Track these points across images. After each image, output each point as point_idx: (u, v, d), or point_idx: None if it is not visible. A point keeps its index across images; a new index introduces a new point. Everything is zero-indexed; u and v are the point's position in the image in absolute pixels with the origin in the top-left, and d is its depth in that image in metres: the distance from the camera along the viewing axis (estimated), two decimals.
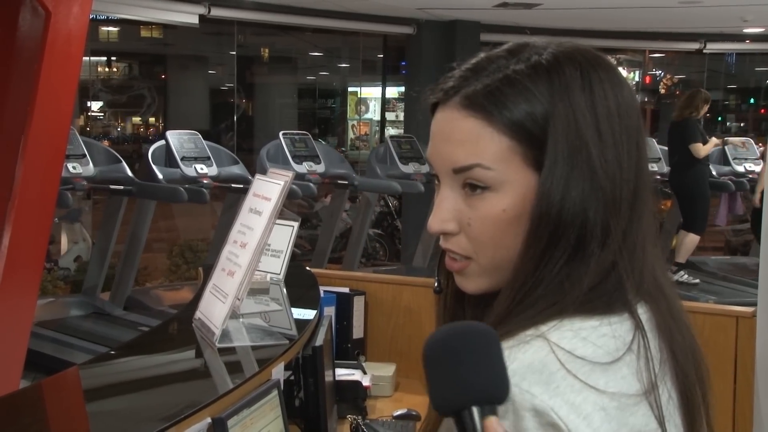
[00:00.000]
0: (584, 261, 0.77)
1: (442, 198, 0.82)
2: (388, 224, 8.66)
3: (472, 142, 0.79)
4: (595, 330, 0.75)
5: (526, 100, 0.78)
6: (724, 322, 2.07)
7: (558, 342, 0.73)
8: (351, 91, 11.53)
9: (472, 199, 0.80)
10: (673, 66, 11.75)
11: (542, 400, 0.69)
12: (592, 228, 0.77)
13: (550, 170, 0.77)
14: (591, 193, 0.77)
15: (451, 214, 0.81)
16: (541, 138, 0.78)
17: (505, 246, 0.79)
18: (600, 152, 0.78)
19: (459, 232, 0.81)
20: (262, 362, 1.56)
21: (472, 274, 0.82)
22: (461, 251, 0.82)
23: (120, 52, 10.46)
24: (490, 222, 0.79)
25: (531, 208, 0.78)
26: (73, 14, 2.79)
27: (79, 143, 5.09)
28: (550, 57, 0.80)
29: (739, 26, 8.59)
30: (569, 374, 0.71)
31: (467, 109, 0.79)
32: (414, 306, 2.48)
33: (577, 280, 0.76)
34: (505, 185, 0.78)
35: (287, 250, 1.96)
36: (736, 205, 7.60)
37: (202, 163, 5.50)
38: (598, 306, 0.76)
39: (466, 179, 0.80)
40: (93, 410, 1.42)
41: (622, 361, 0.74)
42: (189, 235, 7.85)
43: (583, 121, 0.78)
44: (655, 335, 0.79)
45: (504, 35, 8.20)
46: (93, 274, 5.83)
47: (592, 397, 0.71)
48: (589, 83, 0.80)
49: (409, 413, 2.17)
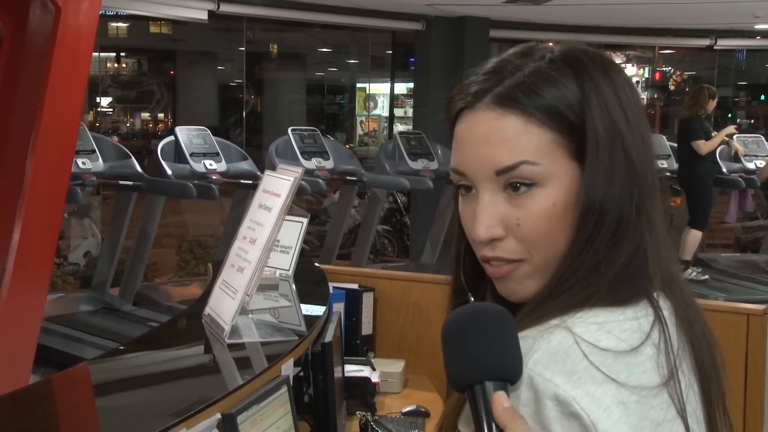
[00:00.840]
0: (620, 243, 0.78)
1: (484, 203, 0.80)
2: (397, 220, 8.65)
3: (514, 139, 0.78)
4: (618, 324, 0.76)
5: (558, 89, 0.79)
6: (735, 320, 2.06)
7: (581, 334, 0.74)
8: (359, 87, 11.52)
9: (519, 198, 0.79)
10: (683, 62, 11.70)
11: (565, 390, 0.70)
12: (630, 210, 0.79)
13: (593, 158, 0.78)
14: (628, 177, 0.79)
15: (496, 219, 0.79)
16: (579, 127, 0.79)
17: (557, 240, 0.79)
18: (632, 137, 0.80)
19: (506, 236, 0.80)
20: (272, 358, 1.56)
21: (522, 277, 0.81)
22: (512, 255, 0.80)
23: (129, 47, 10.48)
24: (542, 218, 0.78)
25: (576, 198, 0.78)
26: (83, 10, 2.80)
27: (88, 139, 5.11)
28: (564, 53, 0.82)
29: (750, 22, 8.53)
30: (592, 366, 0.72)
31: (503, 107, 0.79)
32: (423, 302, 2.48)
33: (611, 262, 0.78)
34: (552, 179, 0.78)
35: (296, 246, 1.96)
36: (746, 202, 7.57)
37: (211, 158, 5.51)
38: (622, 294, 0.78)
39: (511, 179, 0.79)
40: (103, 405, 1.42)
41: (643, 354, 0.75)
42: (198, 231, 7.86)
43: (613, 108, 0.80)
44: (674, 325, 0.80)
45: (513, 31, 8.18)
46: (102, 269, 5.85)
47: (612, 391, 0.72)
48: (609, 75, 0.82)
49: (418, 410, 2.17)
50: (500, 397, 0.68)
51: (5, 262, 2.73)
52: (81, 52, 2.84)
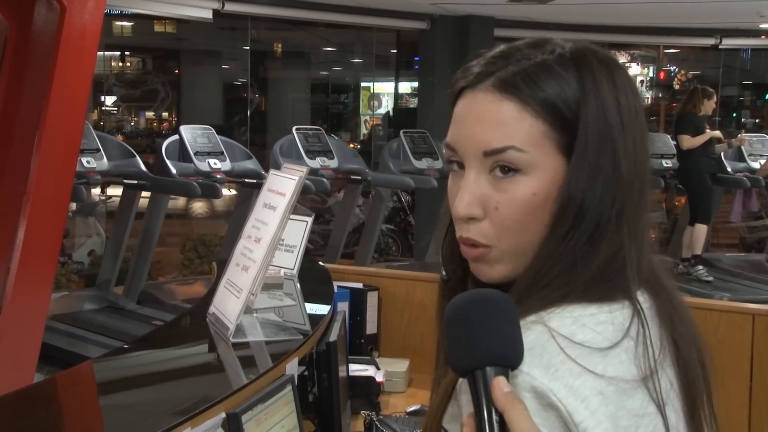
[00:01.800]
0: (597, 244, 0.79)
1: (468, 182, 0.81)
2: (401, 219, 8.65)
3: (507, 124, 0.80)
4: (593, 317, 0.77)
5: (559, 86, 0.80)
6: (741, 320, 2.05)
7: (557, 328, 0.75)
8: (364, 86, 11.52)
9: (502, 182, 0.80)
10: (687, 61, 11.67)
11: (542, 383, 0.72)
12: (610, 213, 0.80)
13: (580, 155, 0.79)
14: (613, 180, 0.80)
15: (477, 198, 0.81)
16: (572, 123, 0.80)
17: (530, 230, 0.80)
18: (623, 142, 0.81)
19: (483, 218, 0.81)
20: (276, 357, 1.56)
21: (492, 261, 0.82)
22: (483, 239, 0.81)
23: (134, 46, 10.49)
24: (520, 205, 0.80)
25: (557, 192, 0.79)
26: (88, 9, 2.80)
27: (93, 137, 5.11)
28: (573, 50, 0.84)
29: (755, 21, 8.51)
30: (568, 359, 0.73)
31: (502, 91, 0.80)
32: (427, 301, 2.48)
33: (588, 262, 0.79)
34: (536, 169, 0.79)
35: (301, 245, 1.96)
36: (750, 202, 7.55)
37: (216, 157, 5.51)
38: (599, 292, 0.79)
39: (497, 161, 0.80)
40: (107, 404, 1.42)
41: (620, 347, 0.76)
42: (202, 230, 7.87)
43: (609, 110, 0.81)
44: (656, 323, 0.81)
45: (518, 30, 8.16)
46: (107, 268, 5.86)
47: (590, 382, 0.73)
48: (613, 77, 0.83)
49: (423, 409, 2.17)
50: (500, 382, 0.68)
51: (10, 260, 2.73)
52: (86, 50, 2.84)
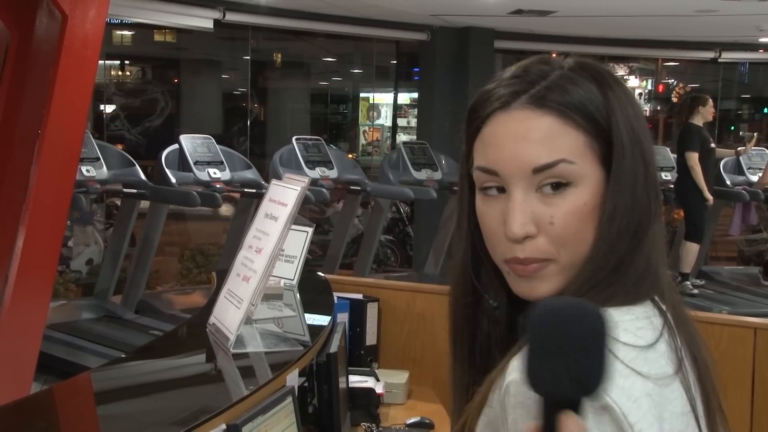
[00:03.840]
0: (639, 246, 0.82)
1: (517, 202, 0.81)
2: (400, 230, 8.64)
3: (552, 138, 0.80)
4: (633, 323, 0.78)
5: (589, 96, 0.82)
6: (742, 334, 2.05)
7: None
8: (363, 96, 11.53)
9: (552, 197, 0.81)
10: (686, 75, 11.69)
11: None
12: (649, 216, 0.82)
13: (619, 163, 0.81)
14: (647, 182, 0.83)
15: (530, 216, 0.81)
16: (607, 131, 0.82)
17: (584, 240, 0.81)
18: (648, 144, 0.84)
19: (537, 235, 0.81)
20: (277, 368, 1.55)
21: (549, 275, 0.82)
22: (541, 255, 0.81)
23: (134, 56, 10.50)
24: (574, 217, 0.81)
25: (601, 201, 0.81)
26: (90, 18, 2.80)
27: (93, 146, 5.11)
28: (578, 63, 0.86)
29: (755, 35, 8.53)
30: (617, 360, 0.73)
31: (541, 107, 0.81)
32: (427, 313, 2.47)
33: (632, 263, 0.81)
34: (584, 179, 0.81)
35: (301, 255, 1.96)
36: (750, 215, 7.54)
37: (215, 167, 5.51)
38: (633, 295, 0.80)
39: (547, 177, 0.80)
40: (105, 415, 1.41)
41: (658, 351, 0.78)
42: (201, 240, 7.86)
43: (633, 115, 0.84)
44: (674, 327, 0.83)
45: (518, 42, 8.18)
46: (105, 277, 5.84)
47: (638, 383, 0.74)
48: (622, 89, 0.85)
49: (422, 421, 2.16)
50: (574, 420, 0.64)
51: (9, 268, 2.72)
52: (87, 59, 2.84)
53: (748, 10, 6.84)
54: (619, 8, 7.01)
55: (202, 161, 5.50)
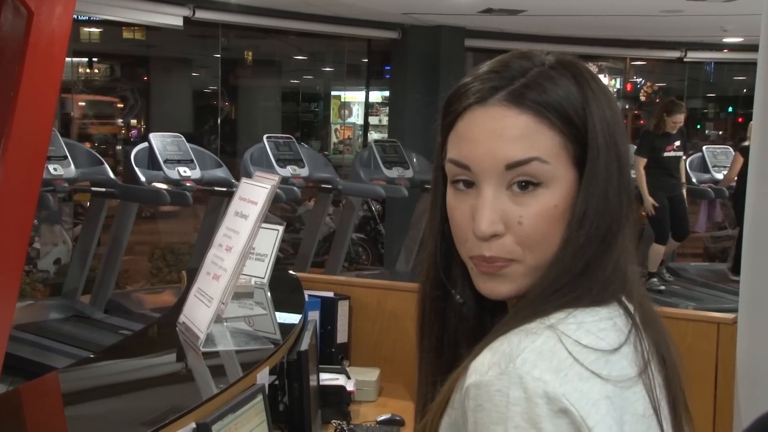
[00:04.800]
0: (609, 250, 0.81)
1: (487, 199, 0.80)
2: (371, 228, 8.65)
3: (528, 136, 0.79)
4: (596, 324, 0.78)
5: (566, 95, 0.81)
6: (706, 329, 2.09)
7: (564, 331, 0.76)
8: (334, 95, 11.51)
9: (522, 197, 0.80)
10: (654, 74, 11.84)
11: (554, 387, 0.72)
12: (620, 220, 0.82)
13: (593, 165, 0.80)
14: (620, 185, 0.82)
15: (499, 214, 0.80)
16: (582, 133, 0.81)
17: (552, 243, 0.81)
18: (624, 147, 0.83)
19: (504, 234, 0.80)
20: (247, 367, 1.55)
21: (514, 276, 0.82)
22: (507, 254, 0.81)
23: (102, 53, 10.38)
24: (543, 218, 0.80)
25: (572, 203, 0.80)
26: (56, 14, 2.77)
27: (60, 144, 5.05)
28: (559, 60, 0.84)
29: (719, 36, 8.68)
30: (576, 362, 0.74)
31: (517, 104, 0.80)
32: (399, 311, 2.48)
33: (601, 267, 0.80)
34: (555, 181, 0.80)
35: (272, 253, 1.95)
36: (715, 212, 7.66)
37: (186, 165, 5.48)
38: (599, 297, 0.80)
39: (519, 175, 0.79)
40: (73, 416, 1.40)
41: (621, 353, 0.78)
42: (171, 239, 7.80)
43: (610, 116, 0.82)
44: (641, 328, 0.83)
45: (488, 41, 8.23)
46: (73, 276, 5.78)
47: (597, 386, 0.74)
48: (598, 85, 0.84)
49: (393, 418, 2.17)
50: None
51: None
52: (54, 56, 2.81)
53: (713, 11, 6.95)
54: (587, 8, 7.09)
55: (172, 159, 5.46)
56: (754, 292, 1.81)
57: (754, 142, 1.81)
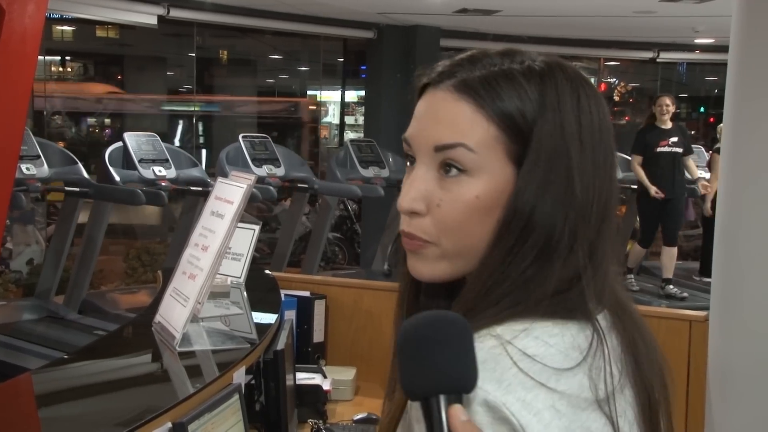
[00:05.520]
0: (550, 265, 0.78)
1: (415, 177, 0.82)
2: (348, 228, 8.66)
3: (460, 123, 0.80)
4: (545, 329, 0.76)
5: (519, 97, 0.80)
6: (678, 326, 2.12)
7: (510, 340, 0.74)
8: (310, 94, 11.50)
9: (447, 181, 0.80)
10: (627, 74, 11.96)
11: (495, 396, 0.71)
12: (561, 233, 0.78)
13: (530, 167, 0.79)
14: (565, 198, 0.79)
15: (422, 193, 0.81)
16: (526, 134, 0.79)
17: (470, 233, 0.80)
18: (579, 161, 0.80)
19: (426, 214, 0.81)
20: (223, 366, 1.55)
21: (429, 257, 0.82)
22: (423, 234, 0.81)
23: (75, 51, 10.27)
24: (461, 206, 0.79)
25: (505, 202, 0.79)
26: (29, 12, 2.74)
27: (33, 144, 5.00)
28: (542, 64, 0.83)
29: (691, 37, 8.79)
30: (521, 372, 0.72)
31: (461, 92, 0.81)
32: (375, 310, 2.49)
33: (542, 283, 0.78)
34: (483, 172, 0.79)
35: (248, 253, 1.95)
36: (688, 212, 7.74)
37: (161, 165, 5.44)
38: (558, 312, 0.77)
39: (446, 159, 0.80)
40: (47, 417, 1.39)
41: (576, 364, 0.75)
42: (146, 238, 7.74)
43: (568, 127, 0.80)
44: (618, 344, 0.80)
45: (464, 41, 8.26)
46: (47, 276, 5.71)
47: (542, 395, 0.72)
48: (578, 95, 0.82)
49: (370, 417, 2.18)
50: (458, 411, 0.68)
51: None
52: (26, 55, 2.78)
53: (684, 12, 7.04)
54: (562, 8, 7.15)
55: (147, 159, 5.42)
56: (726, 290, 1.83)
57: (725, 143, 1.84)
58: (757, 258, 1.74)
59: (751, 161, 1.75)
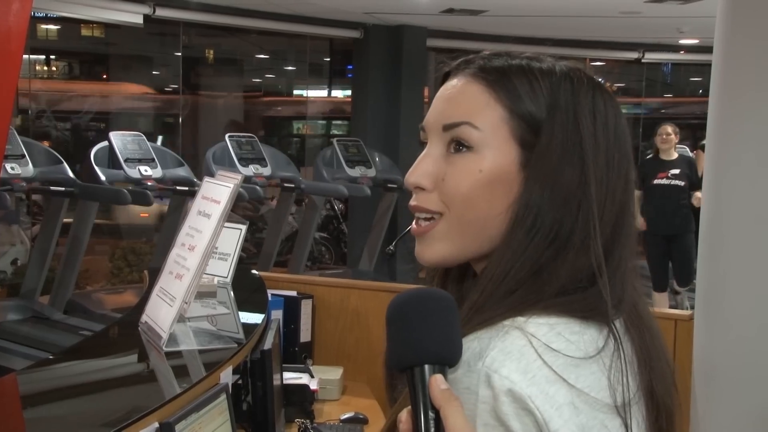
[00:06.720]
0: (564, 254, 0.80)
1: (424, 155, 0.85)
2: (334, 227, 8.65)
3: (468, 102, 0.83)
4: (568, 326, 0.77)
5: (531, 86, 0.83)
6: (663, 325, 2.10)
7: (534, 333, 0.75)
8: (297, 93, 11.48)
9: (453, 157, 0.83)
10: (612, 74, 12.02)
11: (520, 387, 0.72)
12: (573, 226, 0.80)
13: (542, 155, 0.81)
14: (577, 190, 0.81)
15: (428, 169, 0.84)
16: (537, 121, 0.82)
17: (475, 206, 0.82)
18: (594, 155, 0.82)
19: (432, 191, 0.84)
20: (210, 366, 1.55)
21: (436, 237, 0.83)
22: (431, 206, 0.83)
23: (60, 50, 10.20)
24: (464, 178, 0.82)
25: (509, 181, 0.81)
26: (13, 11, 2.72)
27: (18, 143, 4.97)
28: (565, 68, 0.86)
29: (676, 37, 8.85)
30: (545, 365, 0.74)
31: (475, 77, 0.84)
32: (361, 309, 2.49)
33: (554, 274, 0.79)
34: (488, 149, 0.82)
35: (235, 253, 1.95)
36: None
37: (147, 164, 5.42)
38: (578, 311, 0.78)
39: (453, 137, 0.83)
40: (32, 417, 1.38)
41: (593, 361, 0.77)
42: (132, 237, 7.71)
43: (583, 120, 0.82)
44: (632, 355, 0.81)
45: (450, 41, 8.28)
46: (32, 276, 5.68)
47: (563, 390, 0.74)
48: (594, 101, 0.84)
49: (357, 416, 2.18)
50: (438, 380, 0.70)
51: None
52: (11, 53, 2.76)
53: (670, 13, 7.09)
54: (548, 9, 7.17)
55: (133, 158, 5.40)
56: (710, 289, 1.85)
57: (709, 144, 1.86)
58: (741, 257, 1.76)
59: (735, 161, 1.77)
